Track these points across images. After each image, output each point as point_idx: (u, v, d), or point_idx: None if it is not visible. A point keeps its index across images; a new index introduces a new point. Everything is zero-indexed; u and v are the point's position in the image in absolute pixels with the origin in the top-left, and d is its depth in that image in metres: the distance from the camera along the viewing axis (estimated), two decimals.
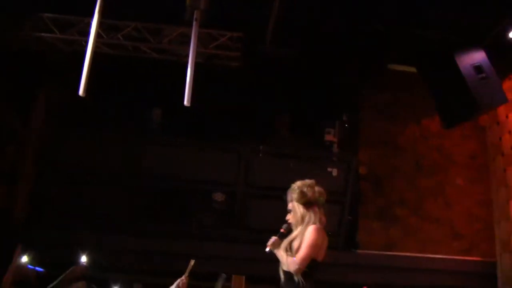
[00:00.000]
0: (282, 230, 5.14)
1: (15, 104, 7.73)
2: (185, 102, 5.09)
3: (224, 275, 5.94)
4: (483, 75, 7.75)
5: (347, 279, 9.39)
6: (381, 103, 9.62)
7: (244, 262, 5.84)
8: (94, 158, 8.16)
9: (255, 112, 8.83)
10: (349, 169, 8.82)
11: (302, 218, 5.06)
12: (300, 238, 4.96)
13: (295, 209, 5.16)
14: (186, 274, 5.95)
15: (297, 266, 4.78)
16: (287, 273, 5.01)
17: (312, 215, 5.06)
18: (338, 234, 8.85)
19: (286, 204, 5.87)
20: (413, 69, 8.57)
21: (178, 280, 6.02)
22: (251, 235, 5.89)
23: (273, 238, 5.09)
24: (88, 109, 8.08)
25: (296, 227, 5.10)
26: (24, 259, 6.86)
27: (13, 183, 7.98)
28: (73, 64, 6.84)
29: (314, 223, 5.01)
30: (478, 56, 7.74)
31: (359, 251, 9.03)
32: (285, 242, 5.05)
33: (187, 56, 6.34)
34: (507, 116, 9.36)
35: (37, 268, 6.53)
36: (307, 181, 5.28)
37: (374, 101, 9.60)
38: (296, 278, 4.82)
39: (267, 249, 5.10)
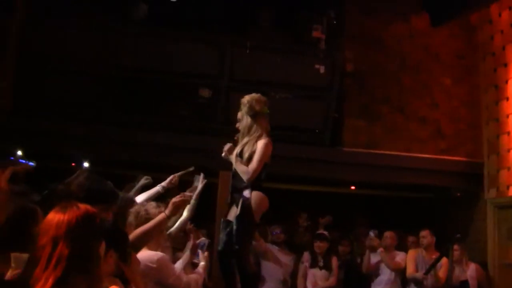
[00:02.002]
0: (235, 138, 5.81)
1: None
2: None
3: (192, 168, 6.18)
4: None
5: (333, 176, 9.53)
6: None
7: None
8: (76, 48, 8.07)
9: (239, 5, 8.71)
10: (334, 66, 8.72)
11: (249, 129, 5.68)
12: (250, 149, 5.60)
13: (243, 120, 5.74)
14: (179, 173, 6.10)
15: (248, 176, 5.50)
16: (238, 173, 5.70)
17: (259, 127, 5.67)
18: (323, 131, 8.84)
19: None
20: None
21: (171, 177, 6.15)
22: (234, 129, 5.96)
23: (228, 145, 5.75)
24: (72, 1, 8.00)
25: (243, 136, 5.73)
26: (19, 153, 6.86)
27: None
28: None
29: (261, 135, 5.64)
30: None
31: (345, 148, 9.07)
32: (237, 148, 5.69)
33: None
34: (500, 15, 9.17)
35: (30, 163, 6.49)
36: (255, 95, 5.81)
37: None
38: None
39: (223, 155, 5.77)
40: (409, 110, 9.42)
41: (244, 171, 5.52)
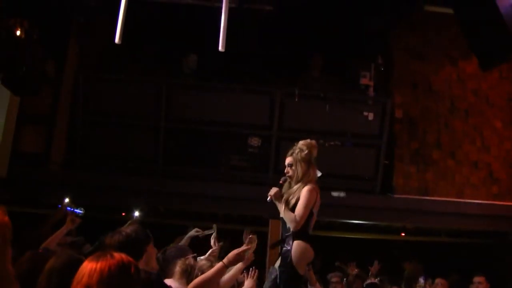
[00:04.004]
0: (281, 182, 5.57)
1: (50, 49, 7.76)
2: (220, 48, 5.09)
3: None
4: None
5: (384, 223, 9.42)
6: (415, 44, 9.41)
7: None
8: (127, 101, 8.22)
9: (288, 55, 8.77)
10: (384, 112, 8.66)
11: (303, 176, 5.44)
12: (297, 195, 5.36)
13: (297, 166, 5.50)
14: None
15: (294, 224, 5.22)
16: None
17: (311, 173, 5.45)
18: (374, 178, 8.78)
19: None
20: (448, 10, 8.41)
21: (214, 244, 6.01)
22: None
23: (275, 189, 5.49)
24: (122, 54, 8.13)
25: (296, 182, 5.49)
26: (66, 200, 6.96)
27: (50, 127, 8.11)
28: (106, 8, 6.88)
29: (310, 182, 5.39)
30: None
31: (396, 195, 8.94)
32: (286, 194, 5.45)
33: (221, 1, 6.30)
34: None
35: (76, 210, 6.57)
36: (311, 142, 5.61)
37: (407, 42, 9.40)
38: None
39: (268, 199, 5.51)
40: (460, 155, 9.28)
41: (292, 219, 5.27)
